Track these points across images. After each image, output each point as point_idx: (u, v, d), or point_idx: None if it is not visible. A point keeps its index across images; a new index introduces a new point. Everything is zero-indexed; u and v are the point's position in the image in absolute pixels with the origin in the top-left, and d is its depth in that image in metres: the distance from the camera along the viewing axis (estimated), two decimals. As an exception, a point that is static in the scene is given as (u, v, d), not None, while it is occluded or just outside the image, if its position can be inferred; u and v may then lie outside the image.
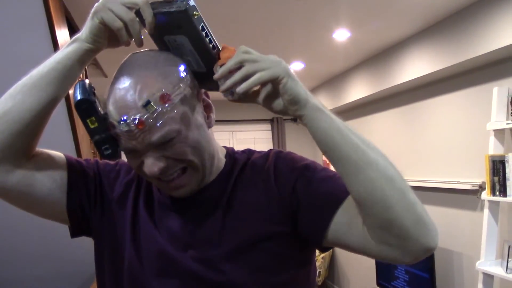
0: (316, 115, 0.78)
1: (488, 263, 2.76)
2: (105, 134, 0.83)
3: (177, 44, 0.85)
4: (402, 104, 4.09)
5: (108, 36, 0.82)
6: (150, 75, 0.81)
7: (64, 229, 0.96)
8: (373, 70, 4.14)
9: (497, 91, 2.78)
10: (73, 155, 2.26)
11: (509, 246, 2.65)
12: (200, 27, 0.81)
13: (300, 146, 5.04)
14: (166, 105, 0.79)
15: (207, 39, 0.82)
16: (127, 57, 0.87)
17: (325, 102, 5.31)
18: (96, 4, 0.81)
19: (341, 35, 3.44)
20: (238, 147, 1.02)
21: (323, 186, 0.86)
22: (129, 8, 0.79)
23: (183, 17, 0.79)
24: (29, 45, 1.93)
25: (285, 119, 6.18)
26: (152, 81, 0.80)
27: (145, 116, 0.78)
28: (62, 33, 2.10)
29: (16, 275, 2.60)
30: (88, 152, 2.55)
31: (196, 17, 0.80)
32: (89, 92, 0.83)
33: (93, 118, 0.82)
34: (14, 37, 1.84)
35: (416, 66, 3.46)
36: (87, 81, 0.87)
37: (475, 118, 3.13)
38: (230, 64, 0.78)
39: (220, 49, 0.84)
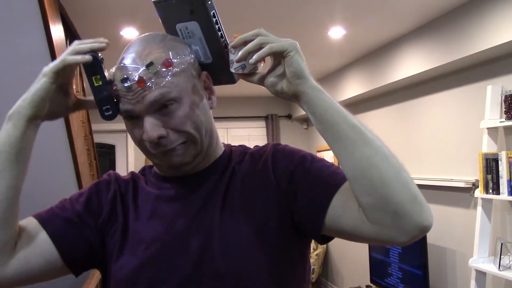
0: (317, 93, 0.81)
1: (481, 260, 2.78)
2: (107, 93, 0.85)
3: (188, 32, 0.89)
4: (396, 102, 4.10)
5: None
6: (156, 46, 0.87)
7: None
8: (367, 68, 4.15)
9: (490, 89, 2.80)
10: (68, 152, 2.26)
11: (501, 244, 2.67)
12: (211, 13, 0.85)
13: (294, 143, 5.04)
14: (167, 69, 0.84)
15: (217, 27, 0.87)
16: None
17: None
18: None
19: (336, 32, 3.44)
20: (233, 143, 1.04)
21: (320, 174, 0.88)
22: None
23: (195, 1, 0.84)
24: (23, 41, 1.92)
25: (279, 116, 6.18)
26: (157, 50, 0.86)
27: (147, 75, 0.82)
28: (57, 29, 2.09)
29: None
30: (82, 148, 2.54)
31: (209, 2, 0.84)
32: (98, 52, 0.86)
33: (98, 76, 0.85)
34: (8, 33, 1.83)
35: (410, 64, 3.47)
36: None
37: (469, 116, 3.14)
38: (246, 34, 0.83)
39: (227, 40, 0.88)
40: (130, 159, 6.06)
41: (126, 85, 0.83)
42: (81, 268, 0.93)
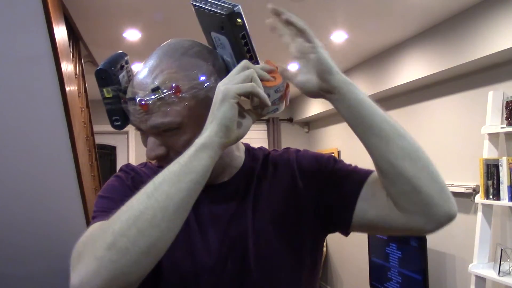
0: (349, 87, 0.84)
1: (481, 266, 2.78)
2: (117, 106, 0.85)
3: (221, 43, 0.86)
4: (397, 107, 4.10)
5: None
6: (172, 64, 0.83)
7: (58, 225, 0.96)
8: (369, 73, 4.15)
9: (492, 95, 2.80)
10: (69, 152, 2.27)
11: (501, 250, 2.66)
12: (240, 35, 0.82)
13: (295, 146, 5.00)
14: (173, 96, 0.80)
15: (246, 48, 0.84)
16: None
17: (321, 103, 5.33)
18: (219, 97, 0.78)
19: (339, 37, 3.45)
20: None
21: (345, 171, 0.92)
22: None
23: (225, 21, 0.81)
24: (27, 42, 1.93)
25: (280, 120, 6.18)
26: (169, 70, 0.82)
27: (151, 100, 0.80)
28: (60, 30, 2.10)
29: (11, 270, 2.60)
30: (84, 149, 2.54)
31: (238, 24, 0.81)
32: (115, 64, 0.85)
33: (109, 89, 0.85)
34: (12, 34, 1.84)
35: (412, 69, 3.48)
36: (125, 54, 0.89)
37: (470, 122, 3.15)
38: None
39: (259, 61, 0.87)
40: (131, 161, 6.06)
41: (130, 104, 0.83)
42: None
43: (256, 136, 6.18)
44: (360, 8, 2.89)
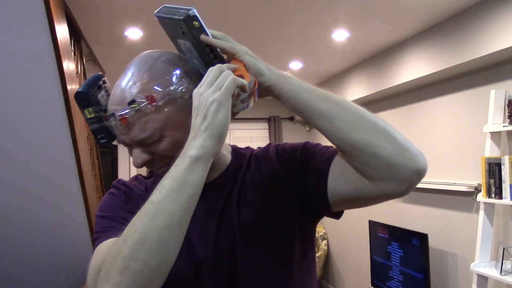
0: (284, 80, 0.87)
1: (483, 264, 2.78)
2: (100, 125, 0.89)
3: (187, 48, 0.89)
4: (399, 105, 4.10)
5: None
6: (143, 75, 0.86)
7: (60, 224, 0.97)
8: (371, 71, 4.15)
9: (494, 93, 2.80)
10: (71, 151, 2.26)
11: (503, 248, 2.66)
12: (199, 38, 0.85)
13: (297, 145, 5.03)
14: (150, 106, 0.84)
15: (208, 49, 0.87)
16: None
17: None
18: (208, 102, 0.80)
19: (340, 35, 3.44)
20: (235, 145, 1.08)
21: (317, 152, 0.95)
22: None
23: (183, 25, 0.84)
24: (29, 40, 1.93)
25: (282, 118, 6.18)
26: (141, 81, 0.85)
27: (129, 114, 0.83)
28: (62, 29, 2.10)
29: (13, 269, 2.61)
30: (85, 148, 2.54)
31: (196, 26, 0.84)
32: (93, 85, 0.89)
33: (90, 109, 0.89)
34: (13, 32, 1.84)
35: (414, 67, 3.47)
36: (102, 75, 0.92)
37: (472, 120, 3.14)
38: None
39: (224, 60, 0.89)
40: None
41: (111, 121, 0.86)
42: None
43: (257, 135, 6.18)
44: (362, 7, 2.89)
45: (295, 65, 4.41)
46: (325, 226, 5.71)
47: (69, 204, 2.50)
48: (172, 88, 0.86)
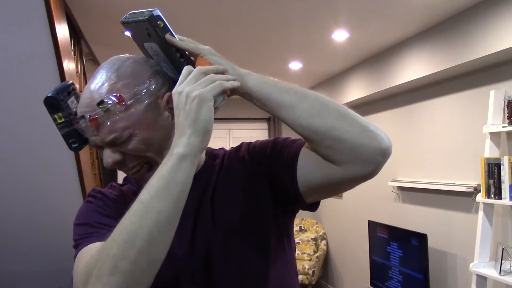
0: (246, 77, 0.88)
1: (482, 265, 2.78)
2: (70, 129, 0.90)
3: (154, 51, 0.91)
4: (399, 106, 4.10)
5: None
6: (111, 76, 0.88)
7: (59, 223, 0.97)
8: (371, 71, 4.15)
9: (494, 94, 2.80)
10: (73, 160, 2.26)
11: (503, 249, 2.66)
12: (164, 37, 0.87)
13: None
14: (119, 106, 0.85)
15: (174, 49, 0.88)
16: None
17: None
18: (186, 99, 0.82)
19: (340, 35, 3.45)
20: (235, 145, 1.08)
21: (286, 144, 0.96)
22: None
23: (148, 26, 0.86)
24: (29, 40, 1.93)
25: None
26: (109, 81, 0.87)
27: (98, 114, 0.85)
28: (62, 29, 2.10)
29: (12, 267, 2.61)
30: (85, 148, 2.55)
31: (160, 26, 0.86)
32: (62, 91, 0.90)
33: (60, 114, 0.89)
34: (13, 32, 1.84)
35: (414, 67, 3.48)
36: (72, 83, 0.94)
37: (472, 121, 3.14)
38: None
39: (191, 58, 0.91)
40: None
41: (81, 123, 0.87)
42: None
43: (257, 135, 6.18)
44: (362, 8, 2.89)
45: (295, 65, 4.41)
46: (324, 226, 5.71)
47: (68, 203, 2.50)
48: (140, 88, 0.88)
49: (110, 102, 0.85)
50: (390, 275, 3.71)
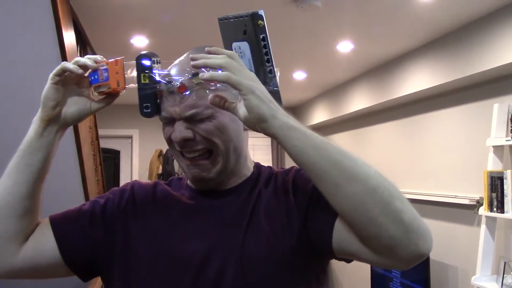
0: (288, 133, 0.78)
1: (484, 278, 2.77)
2: (151, 92, 0.88)
3: (240, 52, 0.91)
4: (402, 117, 4.10)
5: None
6: (206, 56, 0.85)
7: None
8: (374, 82, 4.16)
9: (497, 107, 2.80)
10: (75, 157, 2.27)
11: (505, 262, 2.65)
12: (261, 37, 0.87)
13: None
14: (210, 84, 0.84)
15: (264, 51, 0.88)
16: None
17: (325, 111, 5.33)
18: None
19: (345, 46, 3.46)
20: None
21: (325, 200, 0.87)
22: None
23: (248, 22, 0.86)
24: (36, 46, 1.95)
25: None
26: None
27: (189, 83, 0.84)
28: (69, 35, 2.12)
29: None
30: (89, 153, 2.56)
31: (260, 25, 0.87)
32: (154, 56, 0.89)
33: (146, 74, 0.87)
34: (21, 39, 1.86)
35: (417, 79, 3.48)
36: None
37: (475, 134, 3.14)
38: (219, 53, 0.83)
39: (274, 67, 0.90)
40: (134, 165, 6.08)
41: (168, 87, 0.86)
42: (85, 272, 0.95)
43: (260, 143, 6.16)
44: (366, 19, 2.91)
45: (299, 75, 4.43)
46: (326, 236, 5.69)
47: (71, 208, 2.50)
48: None
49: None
50: (391, 287, 3.69)
